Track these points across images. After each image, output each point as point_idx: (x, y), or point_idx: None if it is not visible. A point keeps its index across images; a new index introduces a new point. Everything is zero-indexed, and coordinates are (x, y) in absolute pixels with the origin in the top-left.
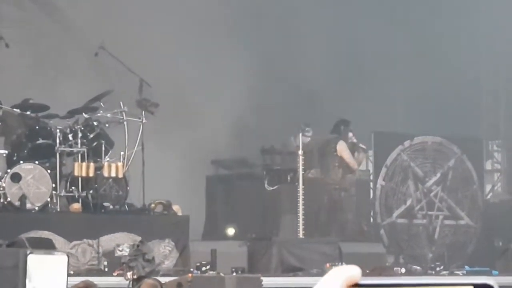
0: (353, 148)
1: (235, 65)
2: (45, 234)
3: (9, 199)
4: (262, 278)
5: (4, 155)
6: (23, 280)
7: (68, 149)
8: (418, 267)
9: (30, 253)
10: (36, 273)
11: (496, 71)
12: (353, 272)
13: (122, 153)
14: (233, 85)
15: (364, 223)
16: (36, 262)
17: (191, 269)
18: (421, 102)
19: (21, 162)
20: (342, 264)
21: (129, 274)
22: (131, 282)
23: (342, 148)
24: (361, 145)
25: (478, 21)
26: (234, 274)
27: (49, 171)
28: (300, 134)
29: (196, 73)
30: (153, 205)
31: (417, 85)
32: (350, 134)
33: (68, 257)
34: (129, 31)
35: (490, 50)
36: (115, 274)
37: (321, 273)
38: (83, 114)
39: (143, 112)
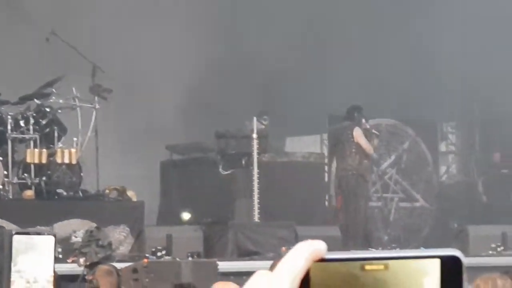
0: (367, 134)
1: (190, 49)
2: None
3: None
4: (218, 262)
5: None
6: (8, 261)
7: (20, 136)
8: (374, 250)
9: (16, 233)
10: (21, 254)
11: (451, 53)
12: (319, 246)
13: (75, 139)
14: (187, 69)
15: (319, 206)
16: (21, 243)
17: (147, 255)
18: (375, 85)
19: None
20: None
21: (82, 260)
22: (85, 269)
23: (358, 134)
24: (373, 131)
25: (433, 3)
26: (190, 259)
27: (0, 158)
28: (255, 118)
29: (149, 58)
30: (107, 191)
31: (371, 68)
32: (363, 120)
33: (55, 237)
34: (81, 16)
35: (445, 32)
36: (69, 260)
37: (277, 256)
38: (35, 100)
39: (96, 98)
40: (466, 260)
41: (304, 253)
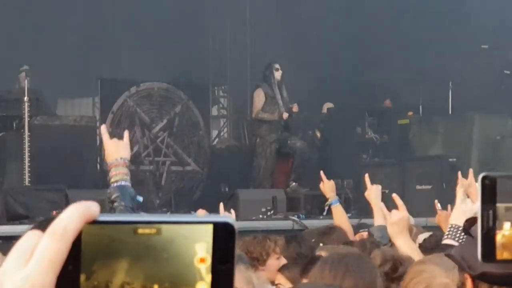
0: (280, 88)
1: None
2: None
3: None
4: None
5: None
6: None
7: None
8: (146, 214)
9: None
10: None
11: (222, 16)
12: (91, 208)
13: None
14: None
15: (91, 170)
16: None
17: None
18: (148, 48)
19: None
20: None
21: None
22: None
23: (255, 96)
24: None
25: None
26: None
27: None
28: (25, 78)
29: None
30: None
31: (144, 31)
32: (276, 77)
33: None
34: None
35: None
36: None
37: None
38: None
39: None
40: (237, 225)
41: (76, 214)
